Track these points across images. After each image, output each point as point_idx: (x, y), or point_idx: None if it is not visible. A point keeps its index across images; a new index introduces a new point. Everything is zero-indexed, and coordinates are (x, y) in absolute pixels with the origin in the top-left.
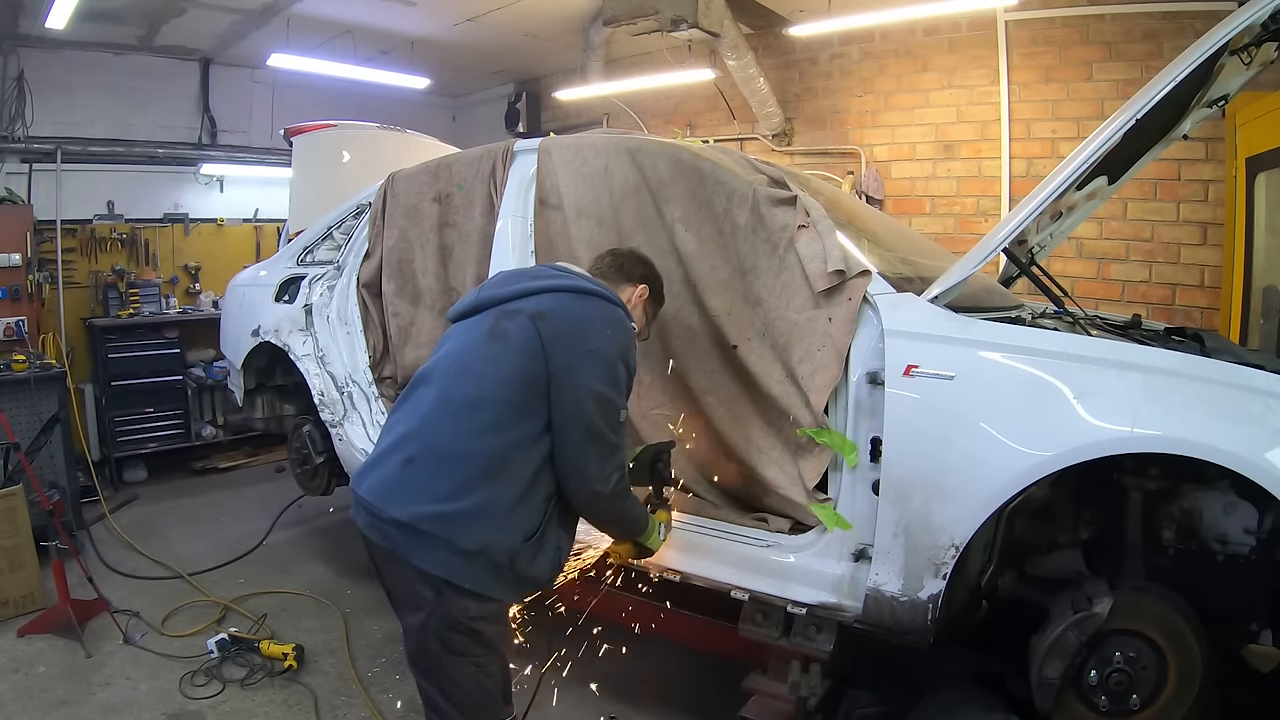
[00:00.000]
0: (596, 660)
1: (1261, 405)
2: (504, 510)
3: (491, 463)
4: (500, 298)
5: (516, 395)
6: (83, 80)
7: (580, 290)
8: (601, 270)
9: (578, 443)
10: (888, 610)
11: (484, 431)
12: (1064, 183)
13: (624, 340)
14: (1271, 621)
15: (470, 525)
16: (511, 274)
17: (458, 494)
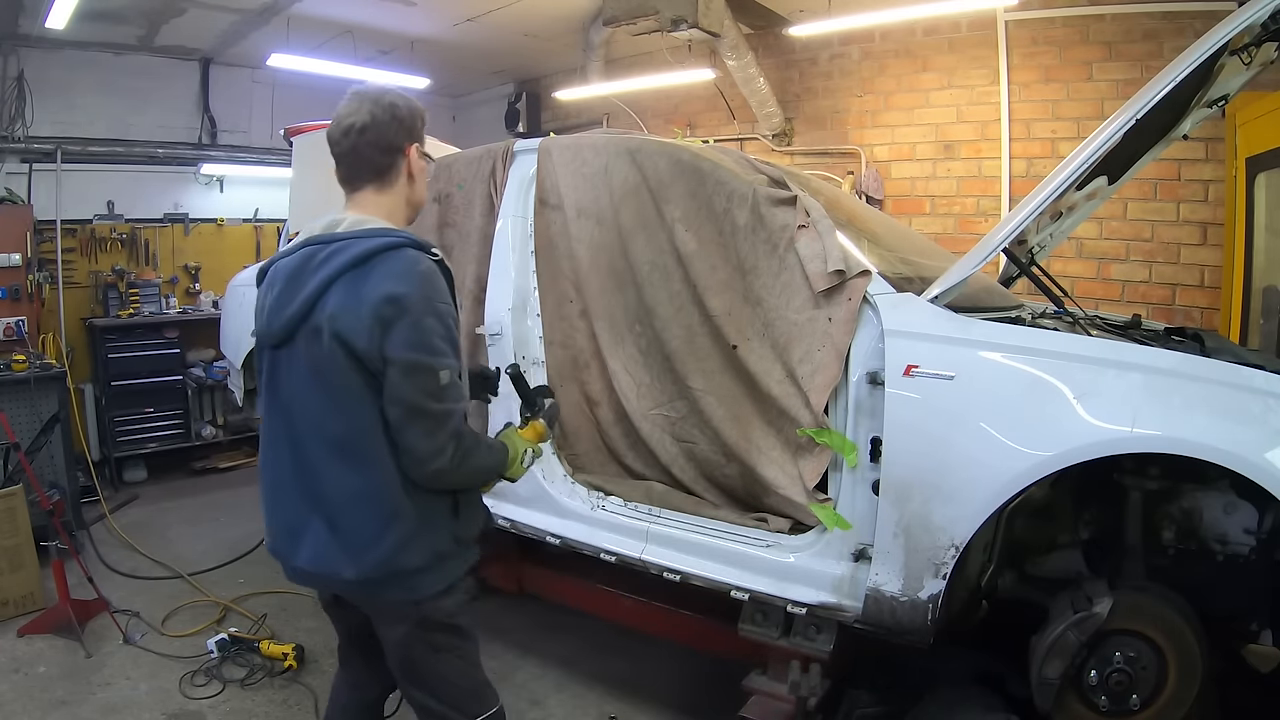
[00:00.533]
0: (597, 660)
1: (1261, 405)
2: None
3: (389, 489)
4: (298, 314)
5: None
6: (83, 80)
7: (360, 259)
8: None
9: (400, 427)
10: (888, 610)
11: (367, 465)
12: (1064, 183)
13: (423, 288)
14: (1271, 621)
15: (410, 546)
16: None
17: (384, 532)
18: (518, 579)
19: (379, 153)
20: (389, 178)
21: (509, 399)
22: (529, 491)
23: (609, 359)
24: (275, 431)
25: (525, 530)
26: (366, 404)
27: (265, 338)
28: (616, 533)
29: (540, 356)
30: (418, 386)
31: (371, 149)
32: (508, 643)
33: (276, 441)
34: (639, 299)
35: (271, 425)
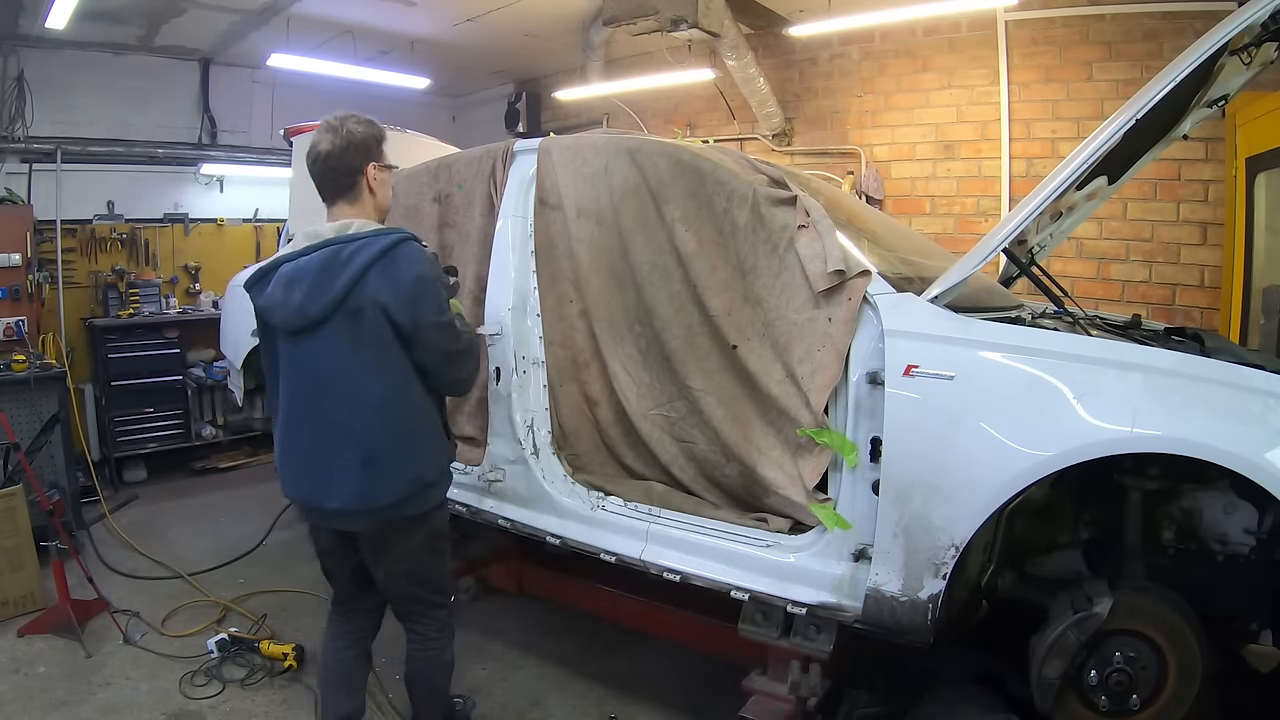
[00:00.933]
0: (597, 660)
1: (1261, 405)
2: (433, 441)
3: (415, 424)
4: (335, 300)
5: (400, 374)
6: (83, 80)
7: (383, 251)
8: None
9: (445, 367)
10: (888, 610)
11: (401, 412)
12: (1064, 183)
13: (432, 269)
14: (1271, 621)
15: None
16: (320, 268)
17: (412, 458)
18: (518, 579)
19: (342, 175)
20: (354, 194)
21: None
22: (529, 491)
23: (609, 359)
24: (298, 403)
25: (525, 530)
26: (401, 362)
27: (291, 326)
28: (616, 533)
29: (540, 356)
30: (446, 339)
31: (335, 172)
32: (508, 643)
33: (302, 411)
34: (639, 299)
35: (293, 399)
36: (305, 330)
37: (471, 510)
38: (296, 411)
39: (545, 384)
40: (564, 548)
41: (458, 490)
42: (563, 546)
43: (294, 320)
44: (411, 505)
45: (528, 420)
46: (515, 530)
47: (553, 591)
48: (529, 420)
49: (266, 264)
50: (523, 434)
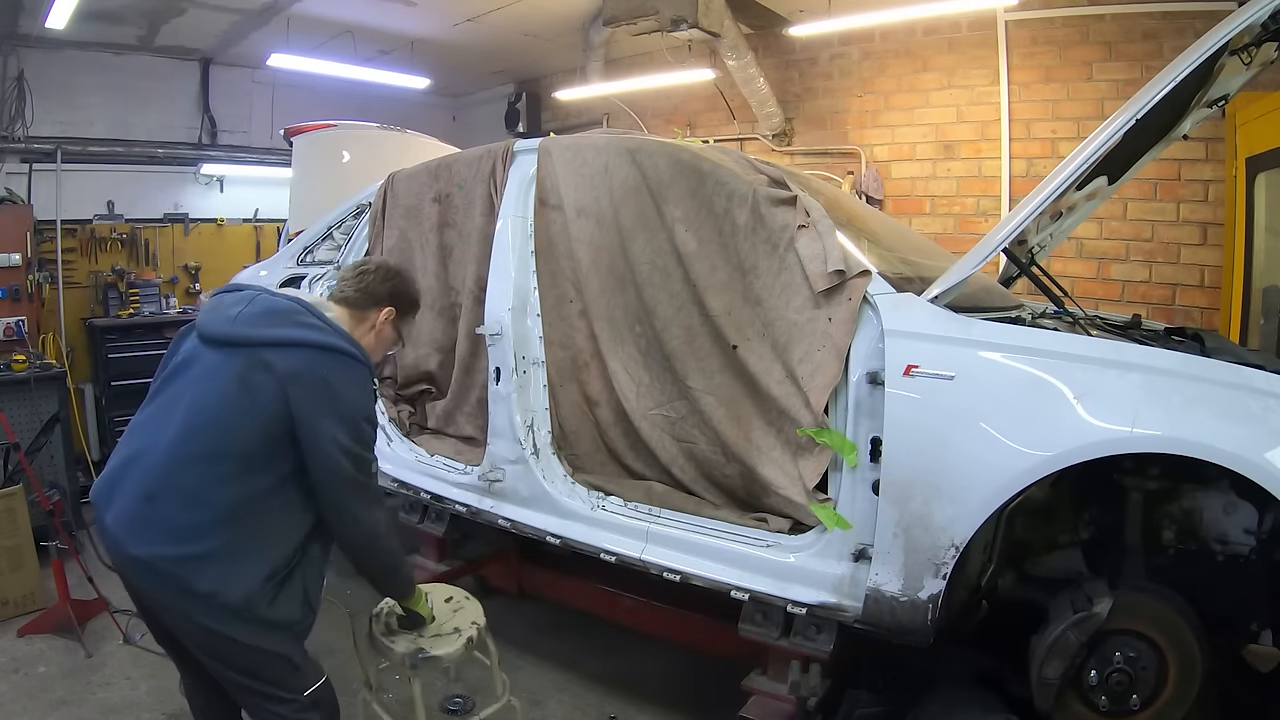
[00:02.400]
0: (597, 660)
1: (1261, 405)
2: (239, 554)
3: (230, 510)
4: (255, 340)
5: (260, 450)
6: (83, 80)
7: (330, 349)
8: (348, 297)
9: (342, 495)
10: (888, 610)
11: (224, 482)
12: (1064, 183)
13: (367, 402)
14: (1271, 621)
15: (203, 568)
16: (269, 312)
17: (196, 538)
18: (518, 579)
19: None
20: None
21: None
22: (529, 491)
23: (609, 359)
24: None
25: (525, 530)
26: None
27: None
28: (616, 533)
29: (540, 356)
30: (361, 471)
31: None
32: (508, 643)
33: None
34: (639, 299)
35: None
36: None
37: (471, 510)
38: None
39: (545, 384)
40: (564, 548)
41: (458, 490)
42: (563, 546)
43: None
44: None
45: (528, 420)
46: (515, 530)
47: (553, 591)
48: (529, 420)
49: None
50: (523, 434)
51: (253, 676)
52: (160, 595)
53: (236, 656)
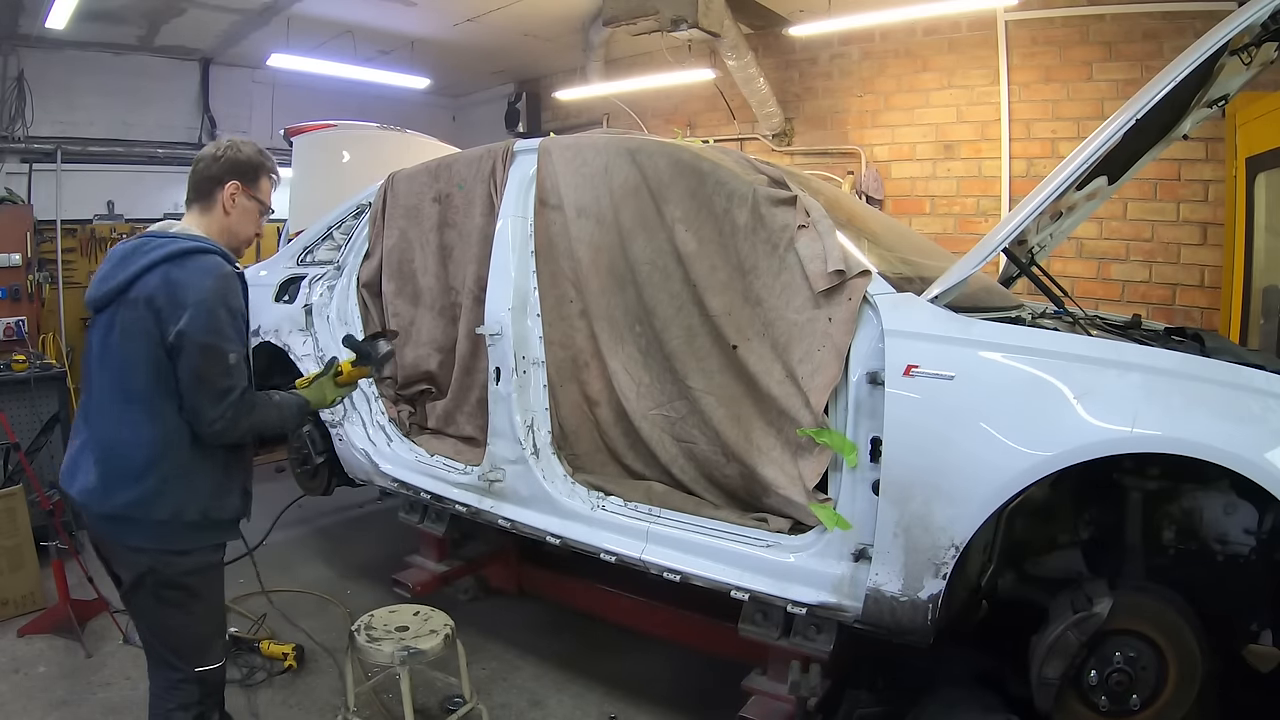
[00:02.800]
0: (597, 660)
1: (1261, 405)
2: (181, 478)
3: (157, 445)
4: (118, 287)
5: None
6: (83, 80)
7: (177, 254)
8: (188, 196)
9: (189, 392)
10: (888, 610)
11: (142, 423)
12: (1064, 183)
13: (221, 286)
14: (1271, 621)
15: (157, 499)
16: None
17: (140, 478)
18: (518, 579)
19: (203, 181)
20: (208, 204)
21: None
22: (529, 491)
23: (609, 359)
24: (86, 381)
25: (525, 530)
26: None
27: (90, 304)
28: (616, 533)
29: (540, 356)
30: (209, 363)
31: (199, 177)
32: (508, 643)
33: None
34: (639, 299)
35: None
36: (96, 310)
37: (471, 510)
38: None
39: (545, 384)
40: (564, 548)
41: (458, 490)
42: (563, 546)
43: (92, 297)
44: (129, 534)
45: (528, 420)
46: (515, 530)
47: (553, 591)
48: (529, 420)
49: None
50: (523, 434)
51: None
52: (130, 542)
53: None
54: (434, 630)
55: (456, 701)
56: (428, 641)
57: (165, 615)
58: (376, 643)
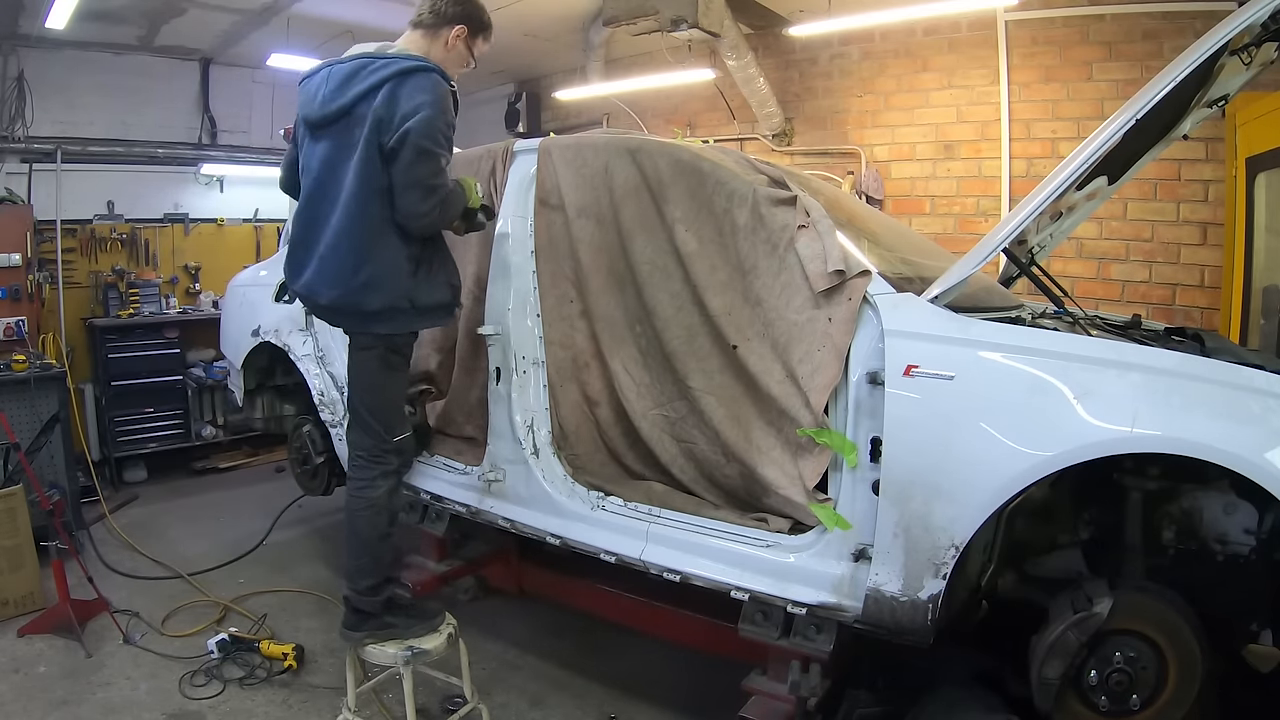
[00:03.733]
0: (597, 660)
1: (1261, 405)
2: (388, 270)
3: (366, 246)
4: (345, 106)
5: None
6: (83, 80)
7: (395, 74)
8: (422, 19)
9: (406, 190)
10: (888, 610)
11: (360, 220)
12: (1064, 183)
13: (441, 100)
14: (1271, 621)
15: (366, 291)
16: (344, 79)
17: (353, 274)
18: (518, 579)
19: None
20: (431, 31)
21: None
22: (529, 492)
23: (609, 359)
24: (304, 198)
25: (525, 530)
26: (375, 179)
27: (311, 119)
28: (616, 533)
29: (540, 356)
30: (425, 164)
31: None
32: (508, 643)
33: (303, 205)
34: (639, 299)
35: (303, 194)
36: (319, 128)
37: (471, 510)
38: (302, 206)
39: (545, 384)
40: (564, 548)
41: (458, 490)
42: (563, 546)
43: (314, 115)
44: (348, 320)
45: (528, 420)
46: (515, 530)
47: (553, 591)
48: (529, 420)
49: (319, 65)
50: (523, 434)
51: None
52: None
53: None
54: (437, 629)
55: (457, 701)
56: (431, 641)
57: (376, 383)
58: (380, 643)
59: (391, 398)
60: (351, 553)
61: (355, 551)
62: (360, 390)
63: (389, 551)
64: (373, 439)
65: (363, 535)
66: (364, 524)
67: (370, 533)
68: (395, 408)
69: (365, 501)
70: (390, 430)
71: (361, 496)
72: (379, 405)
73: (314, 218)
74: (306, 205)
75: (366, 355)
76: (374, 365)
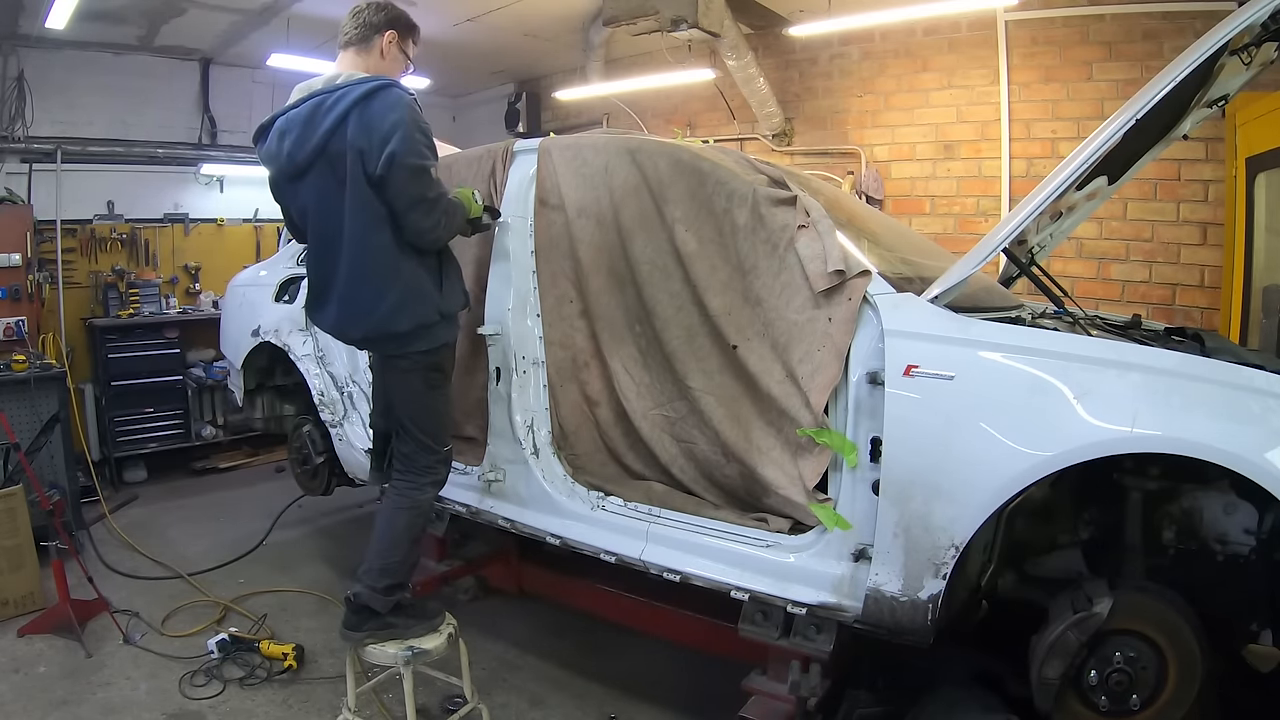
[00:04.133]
0: (597, 660)
1: (1261, 405)
2: (411, 290)
3: (386, 268)
4: (317, 146)
5: (369, 218)
6: (83, 80)
7: (362, 97)
8: (350, 37)
9: (407, 210)
10: (888, 610)
11: (369, 252)
12: (1064, 183)
13: (411, 113)
14: (1271, 621)
15: (395, 316)
16: (303, 123)
17: (373, 307)
18: (518, 579)
19: (363, 27)
20: (365, 46)
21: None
22: (529, 492)
23: (609, 359)
24: (310, 240)
25: (525, 530)
26: (373, 206)
27: (285, 173)
28: (616, 533)
29: (540, 356)
30: (417, 180)
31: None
32: (508, 643)
33: (312, 250)
34: (639, 299)
35: (312, 239)
36: (296, 177)
37: (471, 510)
38: (310, 250)
39: (545, 384)
40: (564, 548)
41: (458, 490)
42: (563, 547)
43: (286, 168)
44: (385, 345)
45: (528, 420)
46: (515, 530)
47: (553, 591)
48: (529, 420)
49: (267, 119)
50: (523, 434)
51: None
52: (384, 351)
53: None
54: (436, 629)
55: (457, 701)
56: (431, 641)
57: (421, 401)
58: (380, 643)
59: (439, 413)
60: (381, 551)
61: (385, 551)
62: (407, 409)
63: (415, 555)
64: (425, 453)
65: (399, 535)
66: (404, 524)
67: (406, 534)
68: (443, 421)
69: (410, 501)
70: (440, 441)
71: (407, 496)
72: (427, 422)
73: (323, 260)
74: (314, 249)
75: (410, 378)
76: (419, 386)
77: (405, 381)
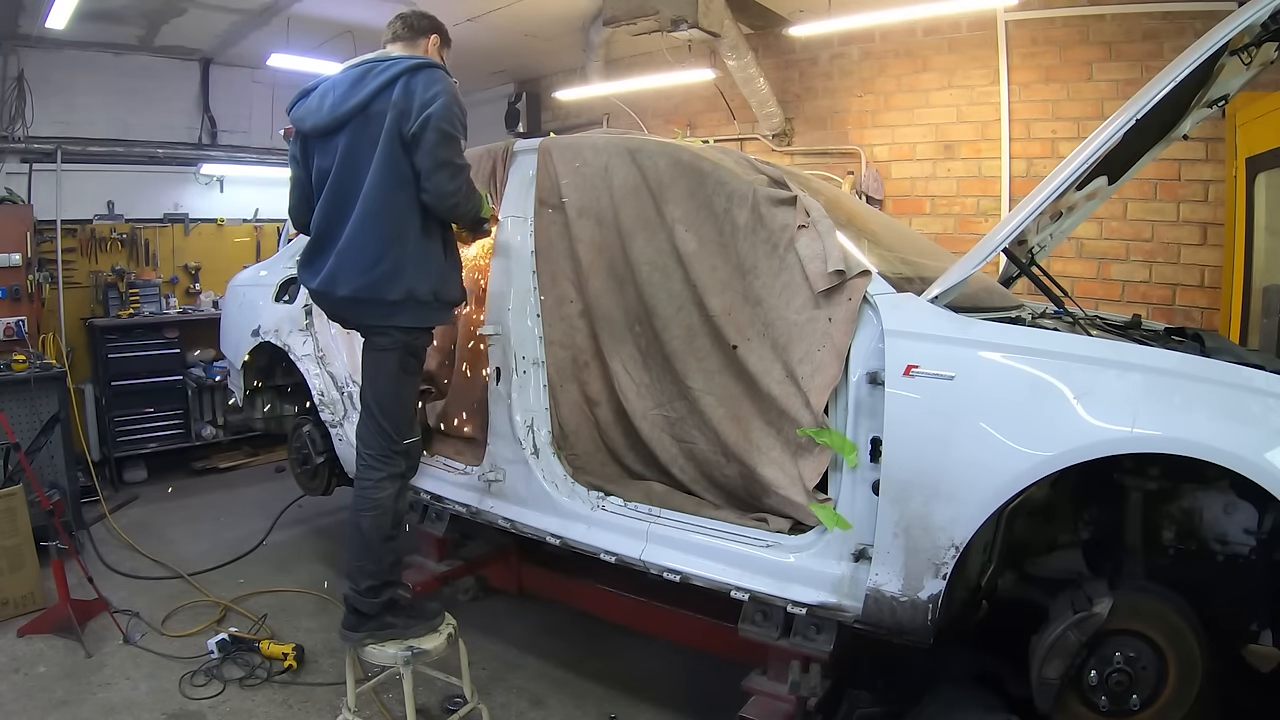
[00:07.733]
0: (597, 660)
1: (1261, 405)
2: (411, 259)
3: (393, 229)
4: (358, 105)
5: (393, 173)
6: (83, 80)
7: (412, 68)
8: (399, 34)
9: (433, 172)
10: (888, 610)
11: (384, 208)
12: (1064, 183)
13: (452, 89)
14: (1271, 621)
15: (389, 280)
16: (354, 79)
17: (377, 260)
18: (518, 579)
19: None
20: (410, 45)
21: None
22: (529, 492)
23: (609, 359)
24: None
25: (525, 530)
26: (396, 168)
27: (320, 128)
28: (616, 533)
29: (540, 356)
30: (448, 146)
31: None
32: (508, 643)
33: (323, 205)
34: (639, 299)
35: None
36: (330, 132)
37: (471, 510)
38: (319, 209)
39: (545, 384)
40: (564, 548)
41: (458, 490)
42: (563, 547)
43: (323, 122)
44: (370, 311)
45: (528, 420)
46: (515, 530)
47: (553, 591)
48: (529, 420)
49: (311, 84)
50: (523, 434)
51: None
52: (366, 320)
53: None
54: (436, 629)
55: (457, 701)
56: (431, 641)
57: (390, 383)
58: (380, 644)
59: (405, 400)
60: (353, 553)
61: (357, 552)
62: (375, 390)
63: (391, 554)
64: (383, 440)
65: (366, 536)
66: (369, 525)
67: (374, 534)
68: (407, 410)
69: (371, 502)
70: (400, 432)
71: (367, 497)
72: (392, 407)
73: (332, 216)
74: (324, 206)
75: (386, 356)
76: (393, 367)
77: (381, 361)
